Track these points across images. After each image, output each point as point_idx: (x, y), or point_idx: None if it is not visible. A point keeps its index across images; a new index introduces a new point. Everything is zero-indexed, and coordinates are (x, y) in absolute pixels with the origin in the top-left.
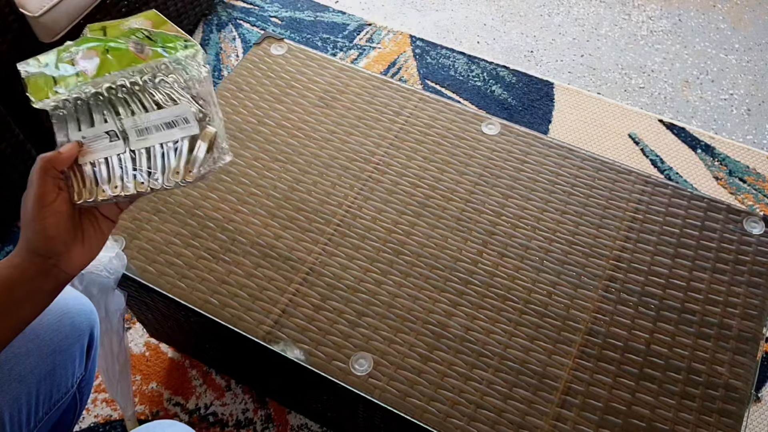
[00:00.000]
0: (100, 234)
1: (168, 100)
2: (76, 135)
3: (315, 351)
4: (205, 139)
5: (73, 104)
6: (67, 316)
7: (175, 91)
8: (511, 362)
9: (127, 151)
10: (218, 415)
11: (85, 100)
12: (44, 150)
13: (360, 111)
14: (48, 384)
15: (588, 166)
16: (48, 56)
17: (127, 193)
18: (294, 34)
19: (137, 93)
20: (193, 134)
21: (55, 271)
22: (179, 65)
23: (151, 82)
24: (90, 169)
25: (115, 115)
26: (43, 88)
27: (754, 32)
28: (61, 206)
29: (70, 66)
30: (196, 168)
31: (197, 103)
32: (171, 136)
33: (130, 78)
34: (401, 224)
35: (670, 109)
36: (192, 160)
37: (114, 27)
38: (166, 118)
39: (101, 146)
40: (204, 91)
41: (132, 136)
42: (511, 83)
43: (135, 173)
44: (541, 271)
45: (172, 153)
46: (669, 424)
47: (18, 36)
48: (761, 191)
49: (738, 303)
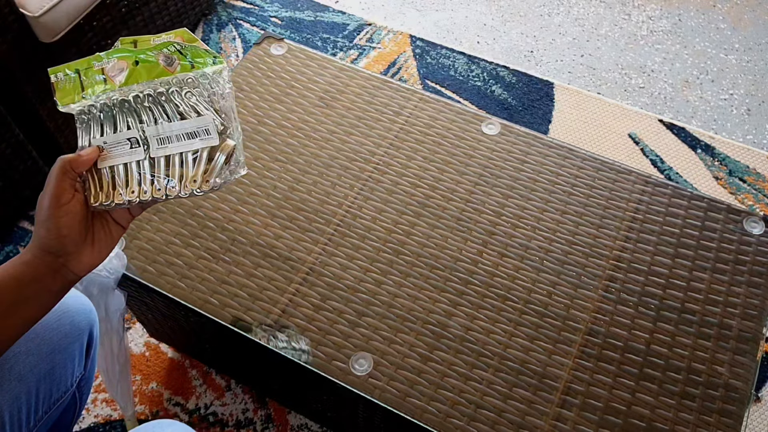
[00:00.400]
0: (109, 238)
1: (191, 111)
2: (99, 140)
3: (315, 351)
4: (224, 151)
5: (98, 110)
6: (67, 315)
7: (200, 103)
8: (511, 362)
9: (146, 158)
10: (218, 415)
11: (110, 107)
12: (44, 150)
13: (360, 111)
14: (47, 383)
15: (588, 166)
16: (78, 63)
17: (143, 199)
18: (294, 34)
19: (162, 102)
20: (213, 145)
21: (64, 271)
22: (205, 79)
23: (177, 93)
24: (108, 173)
25: (138, 123)
26: (71, 93)
27: (754, 32)
28: (76, 207)
29: (99, 74)
30: (212, 178)
31: (219, 117)
32: (191, 146)
33: (157, 88)
34: (401, 224)
35: (670, 109)
36: (209, 169)
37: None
38: (188, 128)
39: (121, 152)
40: (226, 106)
41: (153, 144)
42: (511, 83)
43: (152, 179)
44: (541, 271)
45: (190, 162)
46: (669, 424)
47: (18, 36)
48: (761, 191)
49: (738, 303)
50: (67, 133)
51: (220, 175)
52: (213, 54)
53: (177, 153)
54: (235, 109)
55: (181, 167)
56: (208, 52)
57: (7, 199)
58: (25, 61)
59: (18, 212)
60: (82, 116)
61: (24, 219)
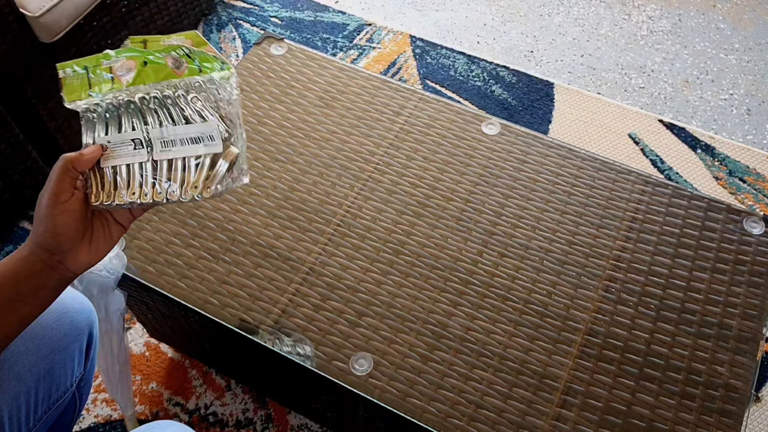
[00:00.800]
0: (109, 237)
1: (197, 116)
2: (102, 139)
3: (315, 351)
4: (227, 158)
5: (104, 109)
6: (66, 315)
7: (205, 108)
8: (511, 362)
9: (149, 160)
10: (218, 415)
11: (116, 106)
12: (44, 150)
13: (360, 111)
14: (47, 383)
15: (588, 166)
16: (87, 60)
17: (144, 201)
18: (294, 34)
19: (168, 106)
20: (216, 152)
21: (60, 268)
22: (212, 85)
23: (183, 97)
24: (110, 173)
25: (143, 124)
26: (78, 90)
27: (754, 32)
28: (74, 206)
29: (107, 72)
30: (214, 184)
31: (224, 123)
32: (194, 151)
33: (164, 90)
34: (401, 224)
35: (670, 109)
36: (211, 176)
37: (154, 41)
38: (192, 133)
39: (125, 152)
40: (232, 113)
41: (156, 147)
42: (511, 83)
43: (154, 182)
44: (541, 271)
45: (193, 167)
46: (669, 424)
47: (18, 36)
48: (761, 191)
49: (738, 303)
50: (67, 133)
51: (222, 182)
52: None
53: (180, 157)
54: (241, 116)
55: (183, 172)
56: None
57: (7, 199)
58: (25, 61)
59: (18, 212)
60: (87, 114)
61: (24, 219)
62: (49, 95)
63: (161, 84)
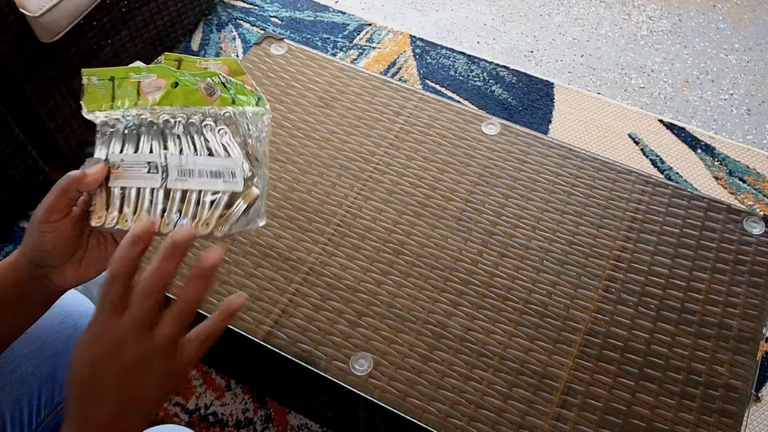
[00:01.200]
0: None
1: (221, 149)
2: (117, 156)
3: (315, 351)
4: (247, 199)
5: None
6: (70, 319)
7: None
8: (511, 362)
9: (162, 187)
10: (218, 415)
11: (137, 124)
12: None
13: (360, 111)
14: (49, 386)
15: (588, 166)
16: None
17: None
18: (294, 34)
19: (192, 133)
20: (236, 191)
21: (46, 282)
22: (244, 119)
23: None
24: (119, 195)
25: (162, 148)
26: (99, 100)
27: (754, 32)
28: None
29: (133, 87)
30: (228, 225)
31: (249, 161)
32: (212, 186)
33: (191, 117)
34: (401, 224)
35: (670, 109)
36: (226, 215)
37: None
38: (213, 166)
39: (137, 174)
40: (260, 151)
41: (172, 174)
42: (511, 83)
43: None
44: (541, 271)
45: (207, 203)
46: (669, 424)
47: (18, 36)
48: (761, 191)
49: (738, 303)
50: (67, 133)
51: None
52: (258, 95)
53: (196, 190)
54: (268, 156)
55: (196, 206)
56: (253, 93)
57: (7, 199)
58: (25, 61)
59: (18, 212)
60: (105, 127)
61: (24, 219)
62: (49, 95)
63: (190, 109)
